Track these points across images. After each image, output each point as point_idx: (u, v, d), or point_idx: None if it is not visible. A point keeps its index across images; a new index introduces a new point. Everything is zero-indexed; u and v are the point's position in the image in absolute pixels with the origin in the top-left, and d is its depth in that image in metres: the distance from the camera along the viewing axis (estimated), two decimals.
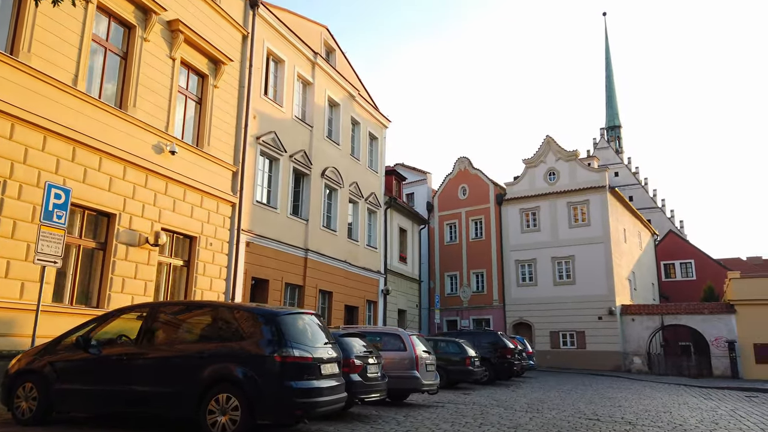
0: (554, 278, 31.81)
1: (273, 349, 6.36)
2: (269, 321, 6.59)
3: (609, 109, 76.31)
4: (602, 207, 30.98)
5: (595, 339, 29.86)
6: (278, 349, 6.35)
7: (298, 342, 6.60)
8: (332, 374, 6.99)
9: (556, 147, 33.14)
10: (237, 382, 6.27)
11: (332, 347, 7.31)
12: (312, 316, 7.45)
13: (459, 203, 36.23)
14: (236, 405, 6.21)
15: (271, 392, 6.19)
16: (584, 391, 17.32)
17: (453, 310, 35.12)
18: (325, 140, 21.48)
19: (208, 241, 15.05)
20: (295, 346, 6.49)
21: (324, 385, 6.65)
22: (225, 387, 6.31)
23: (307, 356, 6.52)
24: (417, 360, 10.99)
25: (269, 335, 6.49)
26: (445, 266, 36.03)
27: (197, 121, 15.41)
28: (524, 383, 19.63)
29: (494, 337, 18.94)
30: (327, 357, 6.97)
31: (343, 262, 22.05)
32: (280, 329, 6.51)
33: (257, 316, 6.71)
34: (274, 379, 6.24)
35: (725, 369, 27.01)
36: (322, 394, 6.54)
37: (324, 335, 7.38)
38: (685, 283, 43.24)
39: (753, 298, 27.15)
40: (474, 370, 16.04)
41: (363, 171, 24.63)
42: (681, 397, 16.88)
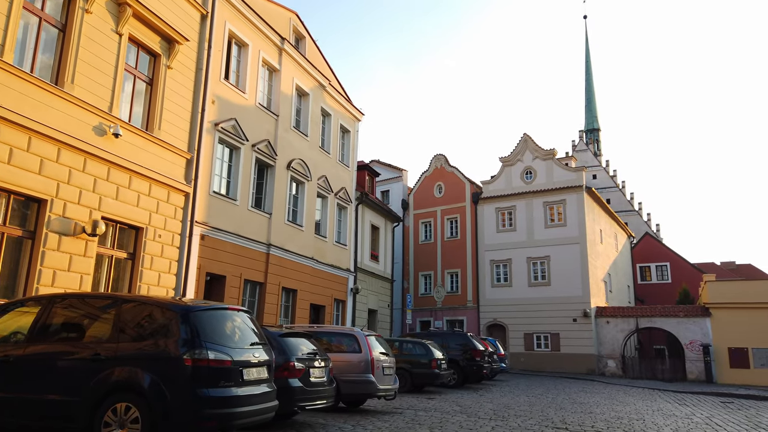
0: (529, 279, 31.20)
1: (184, 350, 5.40)
2: (181, 317, 5.62)
3: (588, 111, 76.52)
4: (579, 207, 30.45)
5: (570, 341, 29.28)
6: (190, 350, 5.40)
7: (216, 342, 5.65)
8: (259, 380, 6.06)
9: (534, 145, 32.54)
10: (138, 390, 5.29)
11: (262, 349, 6.37)
12: (240, 313, 6.49)
13: (435, 201, 35.45)
14: (136, 416, 5.24)
15: (179, 401, 5.23)
16: (555, 395, 16.60)
17: (427, 310, 34.32)
18: (292, 131, 20.49)
19: (157, 232, 13.96)
20: (212, 347, 5.54)
21: (246, 392, 5.71)
22: (124, 395, 5.34)
23: (225, 359, 5.58)
24: (372, 362, 10.09)
25: (181, 334, 5.54)
26: (420, 266, 35.21)
27: (147, 103, 14.32)
28: (494, 387, 18.87)
29: (463, 338, 18.12)
30: (253, 360, 6.03)
31: (310, 258, 21.07)
32: (194, 327, 5.56)
33: (167, 311, 5.74)
34: (183, 385, 5.29)
35: (699, 373, 26.61)
36: (242, 404, 5.60)
37: (254, 335, 6.44)
38: (661, 286, 43.06)
39: (728, 302, 26.81)
40: (440, 373, 15.20)
41: (333, 165, 23.68)
42: (655, 402, 16.25)
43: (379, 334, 11.61)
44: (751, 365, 25.85)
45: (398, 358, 15.38)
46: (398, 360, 15.28)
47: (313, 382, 7.94)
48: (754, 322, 26.08)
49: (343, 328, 11.85)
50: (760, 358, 25.86)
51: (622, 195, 60.18)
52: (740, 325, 26.28)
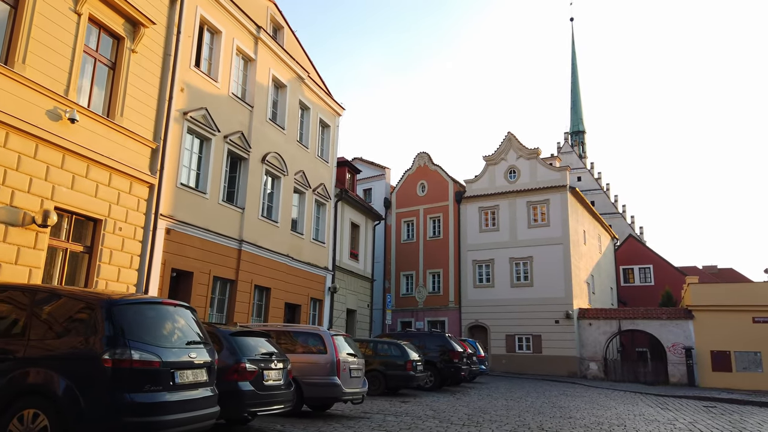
0: (512, 279, 30.73)
1: (104, 350, 4.72)
2: (105, 312, 4.93)
3: (573, 114, 76.67)
4: (562, 207, 30.05)
5: (552, 343, 28.85)
6: (110, 349, 4.72)
7: (143, 341, 4.97)
8: (195, 383, 5.39)
9: (518, 144, 32.10)
10: (49, 394, 4.60)
11: (203, 349, 5.70)
12: (178, 309, 5.81)
13: (417, 200, 34.88)
14: (45, 425, 4.54)
15: (94, 408, 4.57)
16: (535, 399, 16.07)
17: (408, 311, 33.72)
18: (267, 123, 19.77)
19: (117, 225, 13.18)
20: (137, 346, 4.87)
21: (178, 398, 5.05)
22: (33, 400, 4.64)
23: (153, 360, 4.91)
24: (338, 364, 9.44)
25: (102, 331, 4.85)
26: (402, 265, 34.61)
27: (109, 88, 13.52)
28: (473, 390, 18.30)
29: (441, 339, 17.53)
30: (189, 361, 5.36)
31: (285, 256, 20.36)
32: (118, 324, 4.88)
33: (89, 304, 5.05)
34: (100, 390, 4.62)
35: (681, 376, 26.30)
36: (172, 410, 4.94)
37: (193, 333, 5.76)
38: (644, 288, 42.89)
39: (711, 304, 26.54)
40: (416, 375, 14.60)
41: (311, 160, 22.99)
42: (636, 406, 15.78)
43: (347, 334, 10.97)
44: (734, 369, 25.59)
45: (372, 359, 14.78)
46: (372, 361, 14.68)
47: (267, 386, 7.27)
48: (737, 326, 25.83)
49: (308, 327, 11.18)
50: (742, 361, 25.61)
51: (606, 197, 60.18)
52: (723, 328, 26.02)
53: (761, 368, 25.18)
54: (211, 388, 5.66)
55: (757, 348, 25.46)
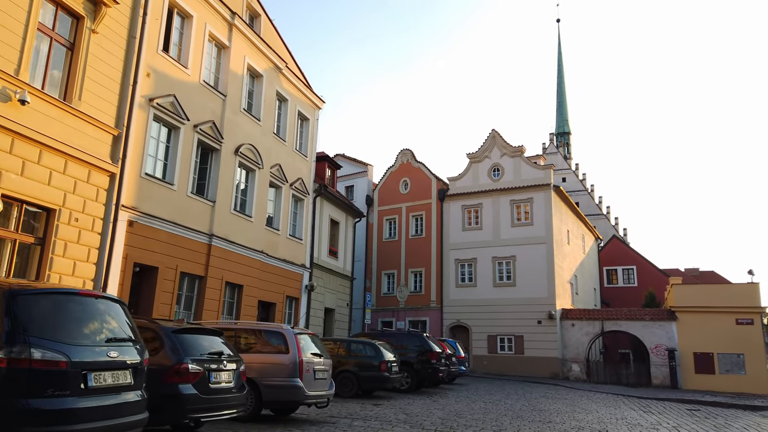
0: (494, 279, 30.21)
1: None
2: (3, 304, 4.21)
3: (559, 115, 76.54)
4: (546, 206, 29.60)
5: (534, 344, 28.37)
6: (6, 347, 4.01)
7: (50, 338, 4.26)
8: (116, 387, 4.70)
9: (502, 142, 31.60)
10: None
11: (130, 347, 4.99)
12: (102, 301, 5.10)
13: (400, 198, 34.25)
14: None
15: None
16: (514, 401, 15.50)
17: (389, 310, 33.07)
18: (242, 113, 19.01)
19: (73, 215, 12.36)
20: (41, 343, 4.16)
21: (90, 404, 4.35)
22: None
23: (58, 360, 4.20)
24: (301, 365, 8.75)
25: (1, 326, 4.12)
26: (383, 264, 33.96)
27: (67, 70, 12.71)
28: (451, 391, 17.69)
29: (419, 339, 16.89)
30: (108, 361, 4.65)
31: (260, 252, 19.60)
32: (18, 317, 4.17)
33: None
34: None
35: (664, 378, 25.95)
36: (83, 419, 4.25)
37: (120, 330, 5.05)
38: (627, 289, 42.67)
39: (694, 305, 26.23)
40: (390, 377, 13.95)
41: (289, 153, 22.25)
42: (619, 410, 15.28)
43: (313, 332, 10.27)
44: (716, 371, 25.29)
45: (345, 359, 14.12)
46: (345, 362, 14.01)
47: (214, 389, 6.56)
48: (720, 327, 25.55)
49: (269, 324, 10.45)
50: (725, 363, 25.32)
51: (591, 198, 60.07)
52: (706, 329, 25.72)
53: (744, 370, 24.90)
54: (138, 392, 4.97)
55: (740, 350, 25.18)
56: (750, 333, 25.23)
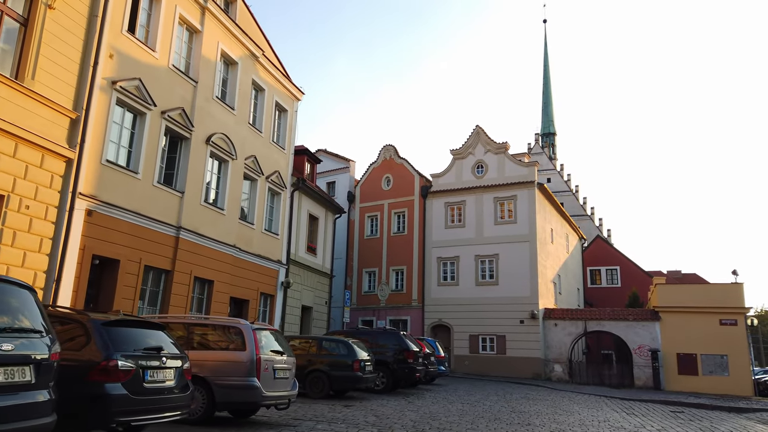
0: (477, 278, 29.65)
1: None
2: None
3: (545, 116, 76.43)
4: (530, 203, 29.11)
5: (516, 344, 27.85)
6: None
7: None
8: (12, 385, 3.95)
9: (486, 138, 31.07)
10: None
11: (36, 340, 4.26)
12: (4, 286, 4.34)
13: (382, 194, 33.57)
14: None
15: None
16: (494, 403, 14.90)
17: (370, 309, 32.38)
18: (214, 101, 18.21)
19: (23, 202, 11.52)
20: None
21: None
22: None
23: None
24: (258, 363, 8.03)
25: None
26: (364, 262, 33.25)
27: (19, 47, 11.86)
28: (429, 392, 17.05)
29: (396, 337, 16.21)
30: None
31: (232, 247, 18.80)
32: None
33: None
34: None
35: (647, 379, 25.55)
36: None
37: (24, 320, 4.32)
38: (611, 290, 42.40)
39: (678, 306, 25.88)
40: (363, 376, 13.26)
41: (265, 145, 21.48)
42: (601, 411, 14.74)
43: (274, 328, 9.55)
44: (700, 372, 24.94)
45: (316, 358, 13.42)
46: (316, 361, 13.32)
47: (150, 389, 5.84)
48: (703, 328, 25.21)
49: (226, 319, 9.70)
50: (708, 364, 24.99)
51: (575, 199, 59.90)
52: (689, 330, 25.38)
53: (727, 372, 24.58)
54: (43, 392, 4.24)
55: (723, 351, 24.87)
56: (733, 334, 24.93)
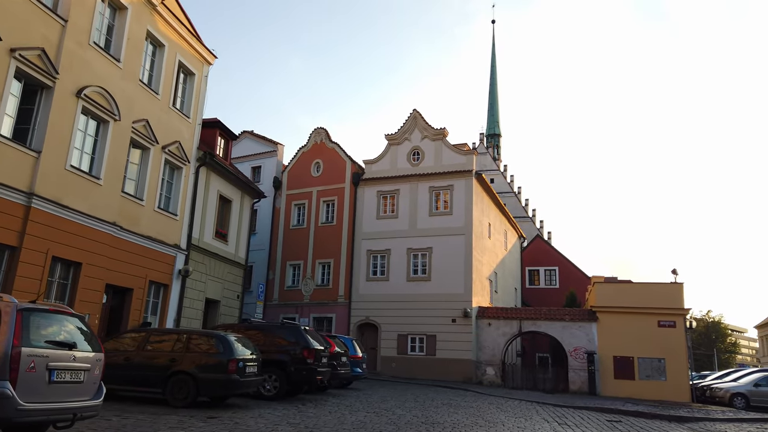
0: (408, 273, 27.43)
1: None
2: None
3: (490, 116, 75.89)
4: (467, 194, 27.14)
5: (447, 345, 25.75)
6: None
7: None
8: None
9: (423, 123, 28.93)
10: None
11: None
12: None
13: (311, 181, 30.90)
14: None
15: None
16: (407, 411, 12.56)
17: (292, 305, 29.61)
18: (92, 48, 15.14)
19: None
20: None
21: None
22: None
23: None
24: (14, 360, 5.27)
25: None
26: (289, 254, 30.46)
27: None
28: (335, 399, 14.53)
29: (294, 333, 13.57)
30: None
31: (111, 224, 15.73)
32: None
33: None
34: None
35: (582, 383, 23.95)
36: None
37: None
38: (549, 291, 41.21)
39: (617, 306, 24.45)
40: (242, 380, 10.62)
41: (163, 110, 18.49)
42: (530, 421, 12.66)
43: (68, 310, 6.79)
44: (636, 376, 23.53)
45: (183, 356, 10.67)
46: (181, 360, 10.57)
47: None
48: (642, 330, 23.87)
49: None
50: (645, 368, 23.62)
51: (518, 200, 59.19)
52: (627, 332, 23.97)
53: (665, 376, 23.27)
54: None
55: (661, 354, 23.56)
56: (672, 336, 23.67)
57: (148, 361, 10.80)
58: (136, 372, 10.80)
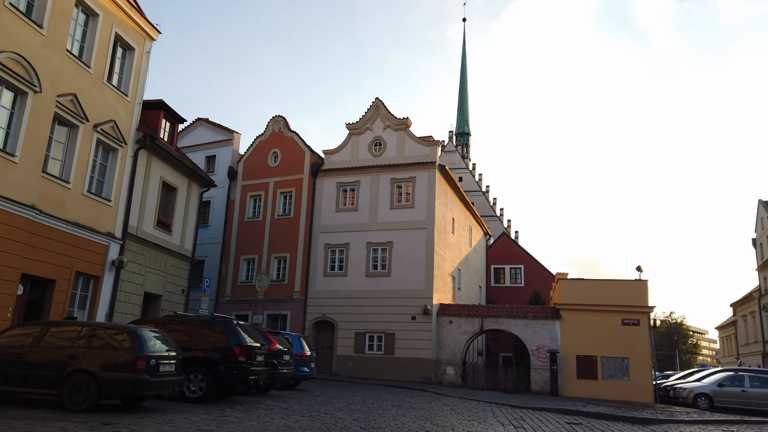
0: (368, 268, 26.22)
1: None
2: None
3: (460, 115, 75.41)
4: (429, 187, 26.08)
5: (406, 343, 24.64)
6: None
7: None
8: None
9: (386, 113, 27.77)
10: None
11: None
12: None
13: (268, 171, 29.45)
14: None
15: None
16: (348, 415, 11.35)
17: (246, 302, 28.12)
18: (7, 9, 13.53)
19: None
20: None
21: None
22: None
23: None
24: None
25: None
26: (243, 248, 28.95)
27: None
28: (272, 401, 13.23)
29: (226, 328, 12.20)
30: None
31: (30, 208, 14.14)
32: None
33: None
34: None
35: (545, 383, 23.12)
36: None
37: None
38: (514, 289, 40.53)
39: (580, 303, 23.70)
40: (152, 380, 9.26)
41: (94, 84, 16.90)
42: (484, 424, 11.60)
43: None
44: (599, 376, 22.81)
45: (84, 353, 9.25)
46: (83, 357, 9.16)
47: None
48: (605, 328, 23.17)
49: None
50: (608, 368, 22.91)
51: (485, 199, 58.72)
52: (591, 330, 23.24)
53: (628, 376, 22.59)
54: None
55: (625, 353, 22.88)
56: (636, 335, 23.02)
57: (43, 359, 9.35)
58: (30, 371, 9.34)
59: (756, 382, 21.17)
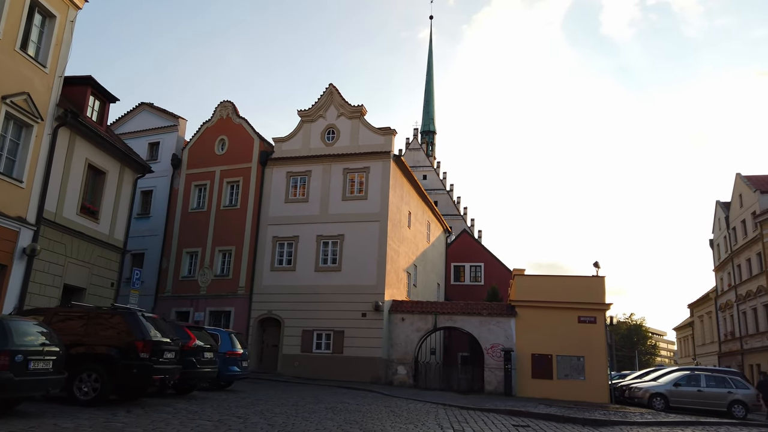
0: (317, 262, 24.87)
1: None
2: None
3: (426, 113, 74.69)
4: (383, 178, 24.89)
5: (356, 341, 23.38)
6: None
7: None
8: None
9: (340, 99, 26.46)
10: None
11: None
12: None
13: (214, 159, 27.80)
14: None
15: None
16: (265, 420, 10.04)
17: (187, 298, 26.40)
18: None
19: None
20: None
21: None
22: None
23: None
24: None
25: None
26: (186, 241, 27.23)
27: None
28: (187, 403, 11.79)
29: (129, 320, 10.70)
30: None
31: None
32: None
33: None
34: None
35: (499, 383, 22.18)
36: None
37: None
38: (474, 287, 39.66)
39: (537, 300, 22.86)
40: (18, 379, 7.76)
41: (4, 52, 15.15)
42: (421, 427, 10.48)
43: None
44: (555, 376, 21.98)
45: None
46: None
47: None
48: (561, 326, 22.37)
49: None
50: (564, 367, 22.10)
51: (449, 198, 58.03)
52: (546, 328, 22.41)
53: (583, 375, 21.82)
54: None
55: (581, 352, 22.11)
56: (592, 333, 22.27)
57: None
58: None
59: (712, 381, 20.68)
